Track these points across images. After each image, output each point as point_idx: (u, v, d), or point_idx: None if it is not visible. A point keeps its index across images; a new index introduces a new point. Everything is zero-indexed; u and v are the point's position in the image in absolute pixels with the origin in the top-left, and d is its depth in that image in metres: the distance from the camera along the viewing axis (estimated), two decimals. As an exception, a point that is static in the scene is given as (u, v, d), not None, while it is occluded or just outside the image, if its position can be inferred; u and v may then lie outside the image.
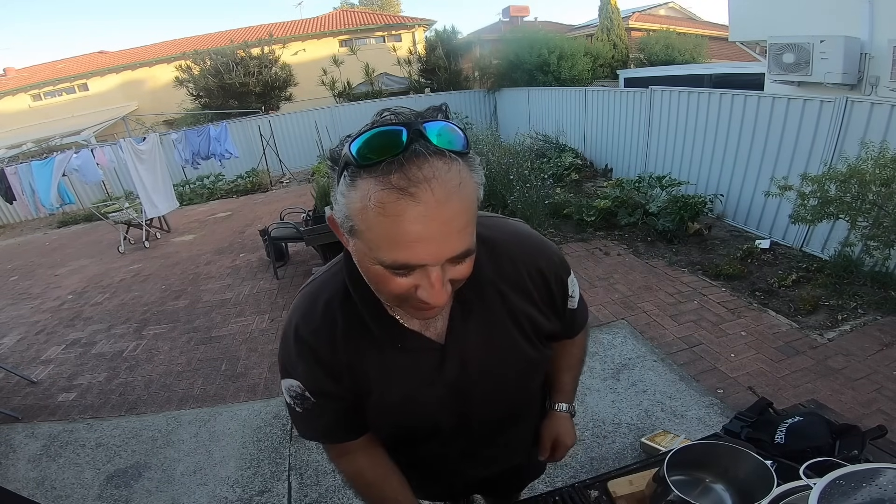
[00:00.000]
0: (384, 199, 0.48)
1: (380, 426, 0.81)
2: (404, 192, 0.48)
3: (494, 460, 0.95)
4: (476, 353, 0.75)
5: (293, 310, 0.77)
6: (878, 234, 2.97)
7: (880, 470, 0.64)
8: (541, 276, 0.77)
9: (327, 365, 0.72)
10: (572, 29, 17.34)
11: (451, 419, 0.80)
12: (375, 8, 25.13)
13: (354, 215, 0.52)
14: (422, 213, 0.49)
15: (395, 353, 0.71)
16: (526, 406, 0.94)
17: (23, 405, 3.12)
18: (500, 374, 0.78)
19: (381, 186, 0.49)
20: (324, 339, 0.71)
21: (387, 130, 0.50)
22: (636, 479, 0.98)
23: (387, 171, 0.48)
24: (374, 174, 0.49)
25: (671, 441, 2.10)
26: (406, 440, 0.84)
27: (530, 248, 0.78)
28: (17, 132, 14.68)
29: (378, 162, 0.49)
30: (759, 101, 4.22)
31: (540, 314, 0.78)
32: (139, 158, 6.44)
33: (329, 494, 2.14)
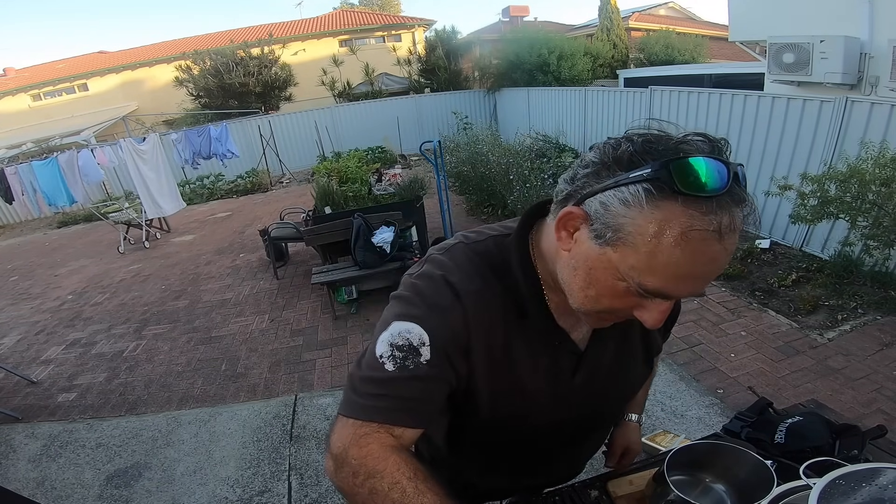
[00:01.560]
0: (697, 236, 0.47)
1: (471, 415, 0.72)
2: (720, 237, 0.47)
3: (558, 469, 0.96)
4: (608, 366, 0.75)
5: (442, 262, 0.66)
6: (878, 234, 2.97)
7: (880, 470, 0.64)
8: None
9: (468, 331, 0.62)
10: (572, 29, 17.34)
11: (551, 422, 0.77)
12: (375, 8, 25.12)
13: (636, 232, 0.49)
14: (716, 258, 0.49)
15: (536, 346, 0.68)
16: (615, 418, 0.99)
17: (23, 405, 3.12)
18: (618, 388, 0.80)
19: (698, 224, 0.47)
20: (481, 301, 0.63)
21: (715, 165, 0.48)
22: (636, 478, 0.98)
23: (709, 211, 0.47)
24: (692, 206, 0.47)
25: (671, 441, 2.10)
26: (486, 433, 0.75)
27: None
28: (17, 132, 14.67)
29: (704, 197, 0.47)
30: (759, 101, 4.22)
31: (660, 332, 0.82)
32: (142, 158, 6.44)
33: (329, 494, 2.14)
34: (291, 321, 3.86)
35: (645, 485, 0.95)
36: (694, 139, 0.51)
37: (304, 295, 4.32)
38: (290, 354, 3.37)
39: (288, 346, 3.49)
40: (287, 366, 3.23)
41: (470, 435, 0.79)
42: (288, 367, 3.21)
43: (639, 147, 0.51)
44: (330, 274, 3.86)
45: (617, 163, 0.51)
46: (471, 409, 0.70)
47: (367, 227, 3.83)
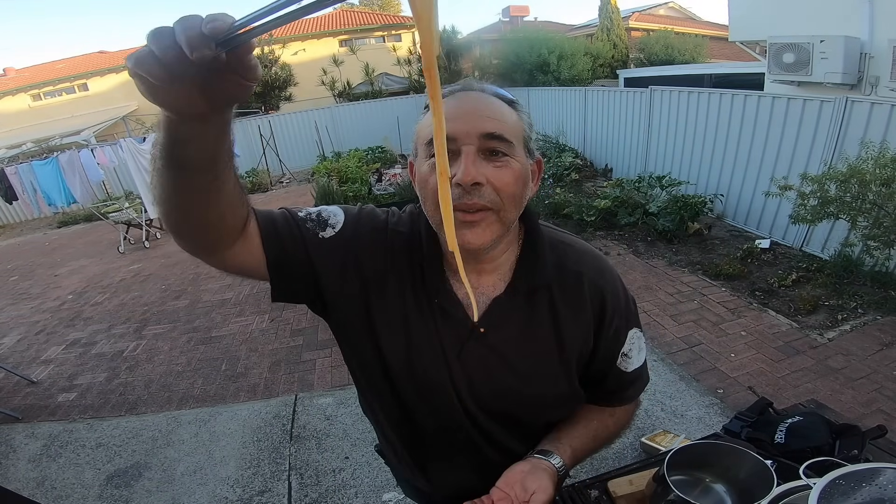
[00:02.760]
0: (448, 96, 0.65)
1: (369, 365, 0.75)
2: (454, 98, 0.65)
3: (460, 472, 0.84)
4: (503, 352, 0.71)
5: (396, 210, 0.79)
6: (878, 234, 2.97)
7: (880, 470, 0.64)
8: (601, 305, 0.74)
9: (372, 254, 0.72)
10: (572, 29, 17.34)
11: (439, 400, 0.73)
12: (375, 8, 25.12)
13: (418, 129, 0.68)
14: (457, 105, 0.63)
15: (428, 308, 0.71)
16: (527, 435, 0.81)
17: (23, 405, 3.12)
18: (517, 384, 0.72)
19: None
20: (398, 242, 0.73)
21: (454, 85, 0.68)
22: (636, 478, 0.98)
23: (445, 95, 0.65)
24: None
25: (671, 441, 2.10)
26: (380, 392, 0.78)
27: (600, 273, 0.75)
28: (17, 132, 14.67)
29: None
30: (759, 101, 4.22)
31: (588, 346, 0.74)
32: (144, 157, 6.44)
33: (329, 494, 2.14)
34: (291, 321, 3.86)
35: (645, 485, 0.95)
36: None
37: (304, 295, 4.32)
38: (290, 354, 3.37)
39: (288, 345, 3.49)
40: (287, 366, 3.23)
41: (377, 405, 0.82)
42: (288, 366, 3.21)
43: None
44: (330, 274, 3.86)
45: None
46: (340, 336, 0.77)
47: (367, 226, 3.83)
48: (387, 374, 0.74)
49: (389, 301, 0.72)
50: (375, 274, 0.72)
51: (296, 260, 0.69)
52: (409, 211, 0.78)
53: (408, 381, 0.74)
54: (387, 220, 0.75)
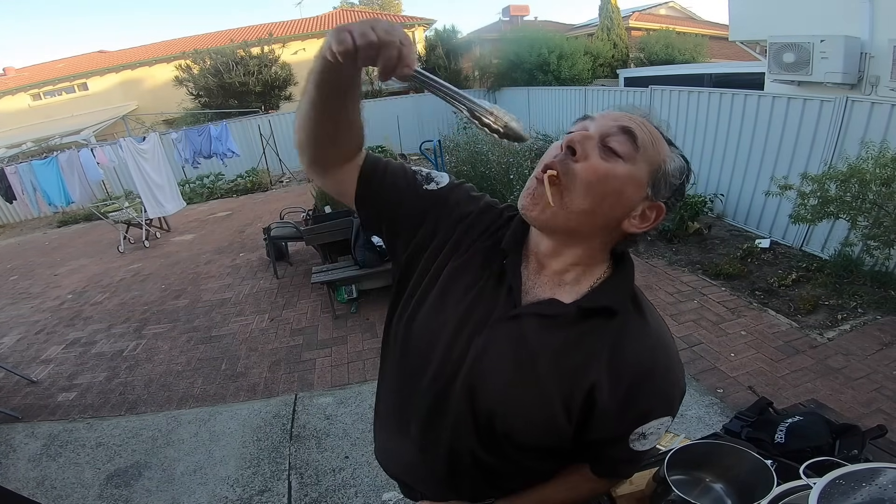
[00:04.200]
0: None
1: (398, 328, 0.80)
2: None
3: (404, 446, 0.81)
4: (529, 347, 0.67)
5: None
6: (878, 234, 2.97)
7: (880, 470, 0.64)
8: (644, 379, 0.66)
9: (471, 218, 0.78)
10: (572, 28, 17.33)
11: (435, 370, 0.72)
12: (375, 7, 25.11)
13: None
14: (612, 110, 0.68)
15: (485, 273, 0.73)
16: (494, 446, 0.73)
17: (23, 405, 3.12)
18: (514, 387, 0.68)
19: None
20: (490, 213, 0.79)
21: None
22: (636, 478, 0.98)
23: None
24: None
25: (671, 441, 2.10)
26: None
27: (667, 358, 0.69)
28: (17, 132, 14.66)
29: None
30: (759, 101, 4.22)
31: (604, 399, 0.66)
32: (143, 158, 6.44)
33: (329, 494, 2.14)
34: (291, 320, 3.86)
35: (645, 484, 0.95)
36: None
37: (304, 294, 4.32)
38: (290, 354, 3.37)
39: (288, 345, 3.49)
40: (287, 365, 3.23)
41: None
42: (288, 366, 3.21)
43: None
44: (330, 273, 3.86)
45: None
46: (403, 266, 0.81)
47: (367, 226, 3.82)
48: (413, 317, 0.77)
49: (458, 257, 0.76)
50: (455, 234, 0.77)
51: (383, 199, 0.79)
52: (504, 206, 0.83)
53: (423, 329, 0.75)
54: (481, 197, 0.82)
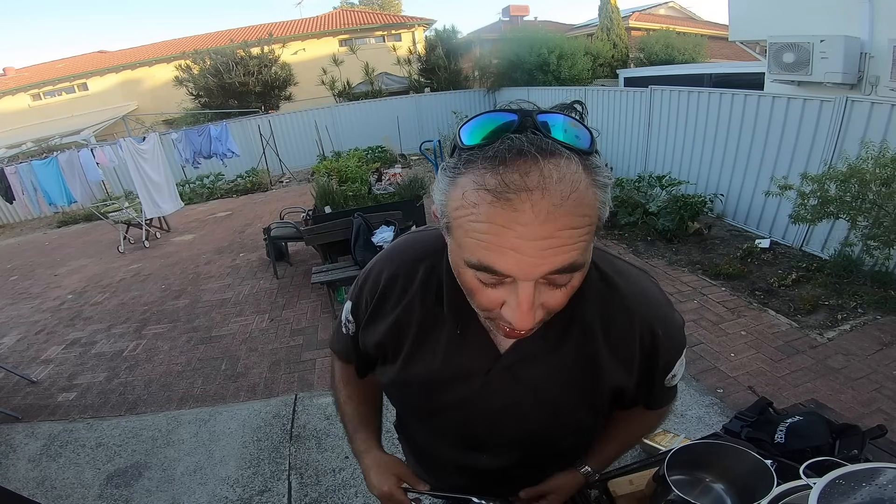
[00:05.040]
0: (481, 197, 0.44)
1: (389, 394, 0.83)
2: (500, 198, 0.43)
3: (484, 485, 0.86)
4: (529, 386, 0.68)
5: (392, 249, 0.77)
6: (878, 234, 2.97)
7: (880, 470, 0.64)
8: (652, 342, 0.68)
9: (381, 311, 0.73)
10: (572, 28, 17.33)
11: (457, 428, 0.76)
12: (375, 7, 25.11)
13: (450, 212, 0.49)
14: (515, 223, 0.43)
15: (449, 336, 0.68)
16: (539, 459, 0.83)
17: (23, 405, 3.12)
18: (541, 419, 0.70)
19: (477, 186, 0.44)
20: (393, 290, 0.72)
21: (497, 116, 0.47)
22: (636, 478, 0.98)
23: (488, 168, 0.44)
24: (474, 170, 0.45)
25: (671, 441, 2.10)
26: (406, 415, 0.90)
27: (653, 309, 0.69)
28: (17, 132, 14.67)
29: (482, 146, 0.45)
30: (759, 101, 4.22)
31: (630, 381, 0.70)
32: (143, 158, 6.44)
33: (329, 494, 2.15)
34: (291, 321, 3.86)
35: (645, 484, 0.95)
36: (502, 106, 0.49)
37: (304, 294, 4.32)
38: (289, 354, 3.37)
39: (288, 345, 3.49)
40: (287, 365, 3.23)
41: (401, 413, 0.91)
42: (288, 366, 3.21)
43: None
44: (330, 273, 3.86)
45: (451, 152, 0.51)
46: (380, 381, 0.81)
47: (367, 226, 3.83)
48: (415, 403, 0.78)
49: (414, 344, 0.72)
50: (392, 326, 0.73)
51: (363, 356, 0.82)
52: (402, 247, 0.75)
53: (429, 409, 0.76)
54: (377, 277, 0.74)
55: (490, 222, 0.44)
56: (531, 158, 0.43)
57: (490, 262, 0.46)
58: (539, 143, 0.44)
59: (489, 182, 0.43)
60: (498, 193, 0.43)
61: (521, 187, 0.42)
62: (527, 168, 0.43)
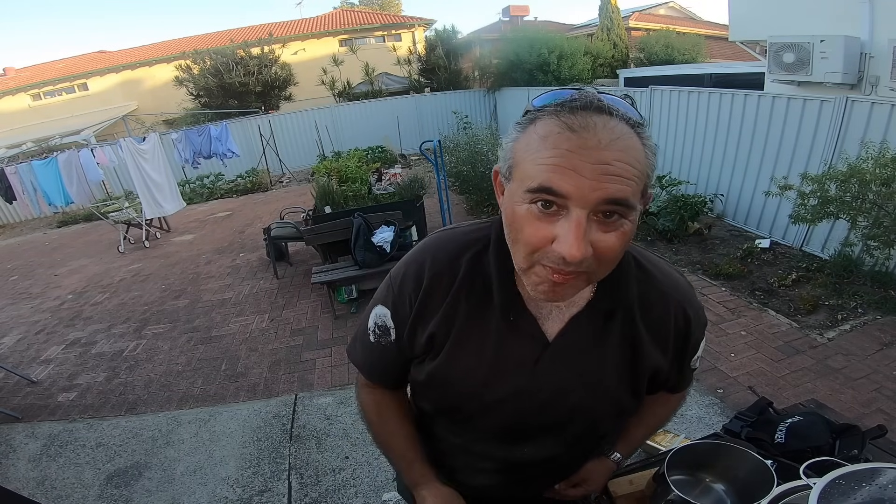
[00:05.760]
0: (552, 128, 0.52)
1: (426, 393, 0.81)
2: (571, 129, 0.51)
3: (519, 479, 0.87)
4: (577, 369, 0.70)
5: (426, 247, 0.75)
6: (878, 234, 2.97)
7: (880, 470, 0.64)
8: (685, 323, 0.74)
9: (423, 307, 0.72)
10: (572, 28, 17.33)
11: (512, 419, 0.75)
12: (375, 7, 25.11)
13: (518, 150, 0.56)
14: (580, 145, 0.51)
15: (497, 325, 0.69)
16: (592, 443, 0.86)
17: (23, 405, 3.12)
18: (589, 400, 0.73)
19: (552, 120, 0.53)
20: (439, 281, 0.71)
21: (564, 91, 0.56)
22: (636, 478, 0.98)
23: (560, 112, 0.53)
24: (547, 118, 0.54)
25: (671, 441, 2.10)
26: (440, 418, 0.84)
27: (684, 293, 0.75)
28: (17, 132, 14.67)
29: (554, 106, 0.54)
30: (759, 101, 4.22)
31: (665, 361, 0.75)
32: (143, 158, 6.44)
33: (329, 494, 2.14)
34: (291, 321, 3.86)
35: (645, 484, 0.95)
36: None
37: (304, 294, 4.32)
38: (290, 354, 3.37)
39: (288, 345, 3.49)
40: (287, 365, 3.23)
41: (433, 414, 0.86)
42: (288, 366, 3.21)
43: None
44: (330, 273, 3.86)
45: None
46: (419, 380, 0.79)
47: (367, 226, 3.83)
48: (456, 394, 0.75)
49: (461, 337, 0.71)
50: (441, 320, 0.72)
51: (397, 366, 0.81)
52: (436, 247, 0.75)
53: (474, 398, 0.74)
54: (418, 276, 0.73)
55: (557, 147, 0.51)
56: (594, 111, 0.52)
57: (552, 183, 0.51)
58: (600, 105, 0.53)
59: (561, 119, 0.52)
60: (566, 127, 0.52)
61: (587, 125, 0.51)
62: (590, 114, 0.52)
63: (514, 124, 0.59)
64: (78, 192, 6.51)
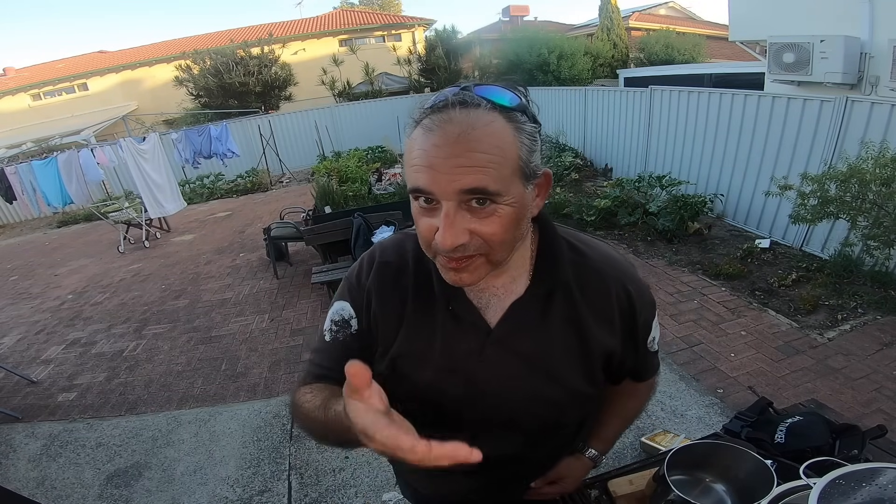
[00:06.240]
0: (419, 131, 0.57)
1: (394, 390, 0.78)
2: (430, 129, 0.56)
3: (492, 481, 0.86)
4: (523, 354, 0.71)
5: (372, 248, 0.80)
6: (878, 234, 2.97)
7: (880, 470, 0.64)
8: (628, 300, 0.74)
9: (371, 300, 0.73)
10: (572, 28, 17.33)
11: (468, 413, 0.74)
12: (375, 7, 25.12)
13: (405, 154, 0.61)
14: (434, 143, 0.55)
15: (442, 316, 0.70)
16: (556, 435, 0.84)
17: (23, 405, 3.12)
18: (540, 386, 0.72)
19: (422, 122, 0.58)
20: (388, 274, 0.74)
21: (447, 90, 0.59)
22: (636, 478, 0.98)
23: (429, 112, 0.57)
24: (423, 117, 0.58)
25: (671, 441, 2.10)
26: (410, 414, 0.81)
27: (623, 270, 0.75)
28: (17, 132, 14.67)
29: (428, 107, 0.58)
30: (759, 101, 4.22)
31: (615, 341, 0.74)
32: (143, 158, 6.44)
33: (329, 494, 2.14)
34: (291, 321, 3.86)
35: (645, 484, 0.95)
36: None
37: (304, 294, 4.32)
38: (290, 354, 3.37)
39: (288, 345, 3.49)
40: (287, 365, 3.23)
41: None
42: (288, 366, 3.21)
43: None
44: (330, 273, 3.86)
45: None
46: (387, 372, 0.76)
47: (367, 226, 3.83)
48: (415, 387, 0.74)
49: (410, 324, 0.72)
50: (392, 312, 0.73)
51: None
52: (384, 243, 0.79)
53: (431, 390, 0.74)
54: (369, 268, 0.76)
55: (420, 148, 0.56)
56: (454, 105, 0.56)
57: (419, 183, 0.57)
58: (464, 97, 0.57)
59: (424, 123, 0.57)
60: (426, 127, 0.56)
61: (441, 120, 0.55)
62: (449, 110, 0.56)
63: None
64: (78, 193, 6.52)
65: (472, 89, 0.58)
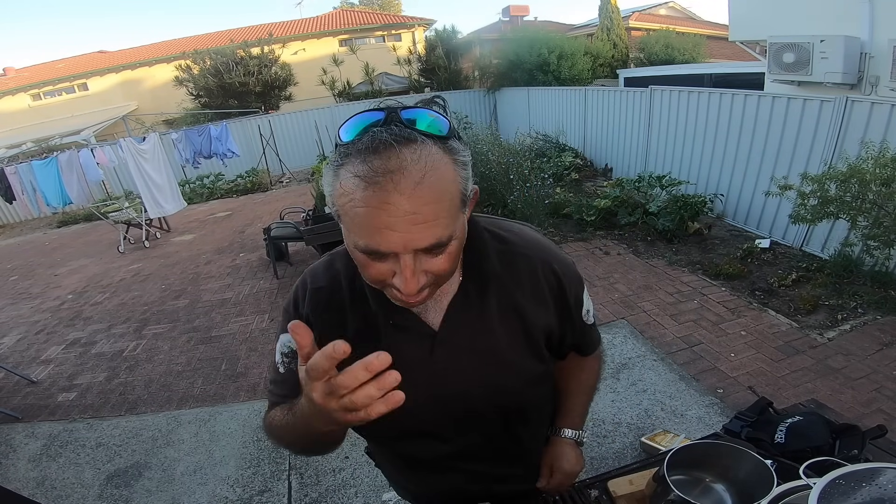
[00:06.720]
0: (356, 183, 0.51)
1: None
2: (373, 183, 0.50)
3: (488, 474, 0.88)
4: (471, 348, 0.72)
5: (308, 269, 0.78)
6: (878, 234, 2.97)
7: (880, 470, 0.64)
8: (556, 279, 0.76)
9: (319, 322, 0.73)
10: (572, 28, 17.33)
11: (435, 415, 0.76)
12: (375, 7, 25.12)
13: (337, 198, 0.55)
14: (385, 201, 0.50)
15: (385, 331, 0.70)
16: (523, 419, 0.85)
17: (23, 405, 3.12)
18: (495, 375, 0.74)
19: (351, 175, 0.52)
20: (322, 299, 0.73)
21: (368, 115, 0.55)
22: (636, 478, 0.98)
23: (359, 158, 0.51)
24: (350, 162, 0.52)
25: (671, 440, 2.10)
26: (387, 433, 0.81)
27: (546, 251, 0.77)
28: (17, 132, 14.67)
29: (354, 141, 0.53)
30: (759, 101, 4.22)
31: (552, 319, 0.76)
32: (144, 158, 6.44)
33: (329, 494, 2.15)
34: (291, 321, 3.86)
35: (645, 484, 0.95)
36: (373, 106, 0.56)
37: (304, 294, 4.32)
38: (290, 354, 3.36)
39: (288, 345, 3.48)
40: (287, 365, 3.22)
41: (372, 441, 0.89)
42: (288, 366, 3.21)
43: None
44: (330, 273, 3.85)
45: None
46: None
47: (367, 226, 3.82)
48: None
49: (355, 344, 0.71)
50: (334, 335, 0.71)
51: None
52: (314, 269, 0.77)
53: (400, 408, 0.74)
54: (303, 295, 0.75)
55: (366, 206, 0.51)
56: (392, 146, 0.51)
57: (376, 246, 0.53)
58: (399, 133, 0.52)
59: (360, 170, 0.51)
60: (367, 179, 0.50)
61: (385, 170, 0.50)
62: (388, 154, 0.50)
63: (329, 162, 0.57)
64: (77, 193, 6.52)
65: (401, 116, 0.54)
